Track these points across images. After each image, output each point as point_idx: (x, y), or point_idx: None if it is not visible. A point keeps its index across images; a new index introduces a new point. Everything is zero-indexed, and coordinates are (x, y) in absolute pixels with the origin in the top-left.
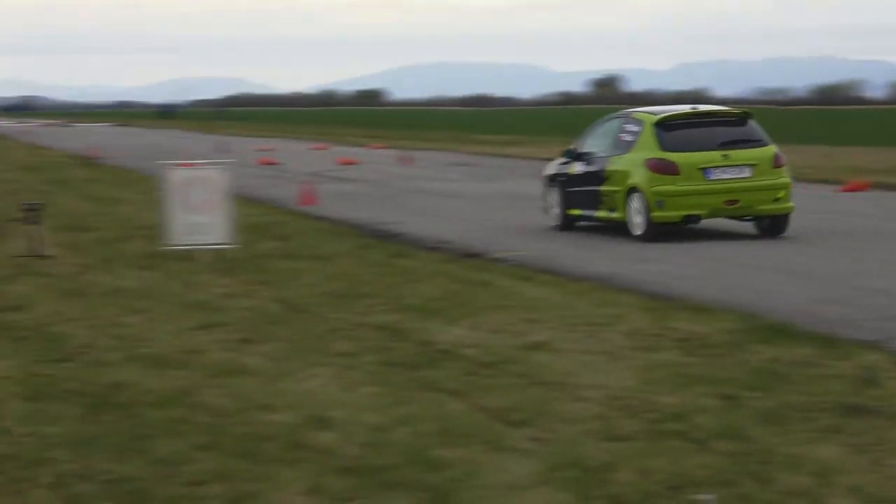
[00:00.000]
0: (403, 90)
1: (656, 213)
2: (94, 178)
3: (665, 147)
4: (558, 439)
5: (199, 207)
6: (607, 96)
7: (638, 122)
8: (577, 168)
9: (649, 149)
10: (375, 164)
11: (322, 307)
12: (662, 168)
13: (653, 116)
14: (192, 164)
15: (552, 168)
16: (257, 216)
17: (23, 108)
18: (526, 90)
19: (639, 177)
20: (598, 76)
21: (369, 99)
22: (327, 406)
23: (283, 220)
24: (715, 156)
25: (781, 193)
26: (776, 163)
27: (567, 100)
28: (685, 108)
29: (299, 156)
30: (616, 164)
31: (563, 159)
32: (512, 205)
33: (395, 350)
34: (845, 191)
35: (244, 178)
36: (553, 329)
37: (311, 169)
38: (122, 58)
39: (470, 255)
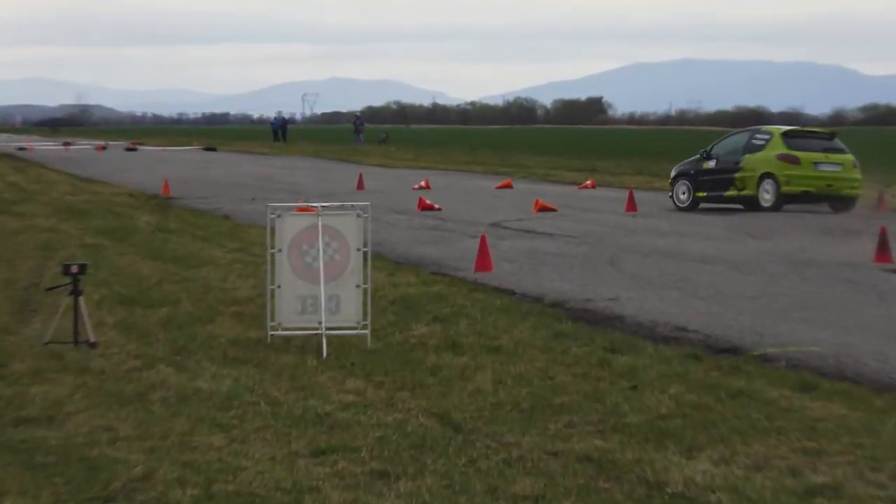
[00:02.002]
0: (624, 100)
1: (785, 188)
2: (165, 228)
3: (790, 147)
4: None
5: (320, 273)
6: None
7: (767, 133)
8: (710, 164)
9: (779, 148)
10: (585, 209)
11: (497, 426)
12: (789, 159)
13: (779, 129)
14: (312, 208)
15: (678, 168)
16: (408, 286)
17: (69, 124)
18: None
19: (772, 166)
20: None
21: (574, 111)
22: None
23: (445, 293)
24: (820, 156)
25: (856, 184)
26: (853, 165)
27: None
28: (796, 127)
29: (475, 196)
30: (750, 159)
31: (694, 159)
32: (796, 273)
33: (606, 493)
34: None
35: (392, 230)
36: (845, 466)
37: (490, 216)
38: (214, 52)
39: (722, 351)
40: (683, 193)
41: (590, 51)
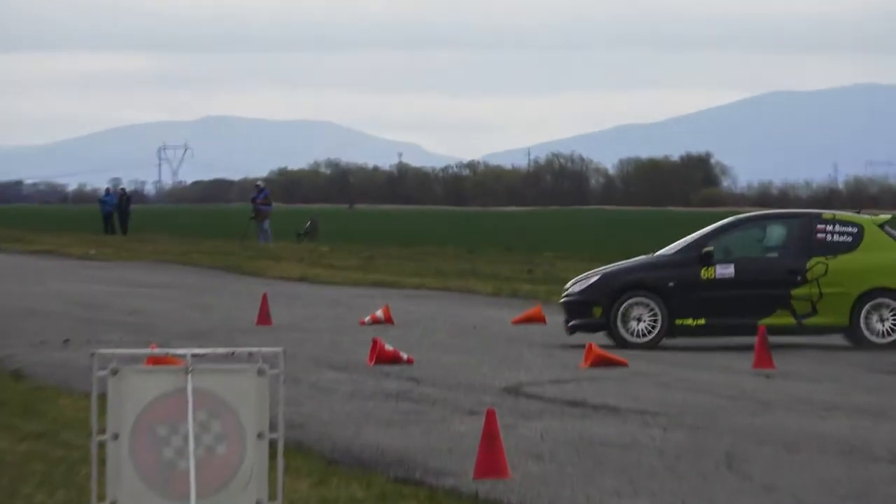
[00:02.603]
0: (749, 160)
1: None
2: None
3: None
4: None
5: (191, 478)
6: None
7: (848, 223)
8: (721, 272)
9: (889, 248)
10: (678, 363)
11: None
12: None
13: (869, 218)
14: (175, 359)
15: (619, 276)
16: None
17: None
18: None
19: (893, 278)
20: None
21: (659, 180)
22: None
23: None
24: None
25: None
26: None
27: None
28: (870, 215)
29: (475, 338)
30: (831, 266)
31: (659, 262)
32: None
33: None
34: None
35: (324, 399)
36: None
37: (504, 375)
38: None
39: None
40: (640, 321)
41: (687, 72)
